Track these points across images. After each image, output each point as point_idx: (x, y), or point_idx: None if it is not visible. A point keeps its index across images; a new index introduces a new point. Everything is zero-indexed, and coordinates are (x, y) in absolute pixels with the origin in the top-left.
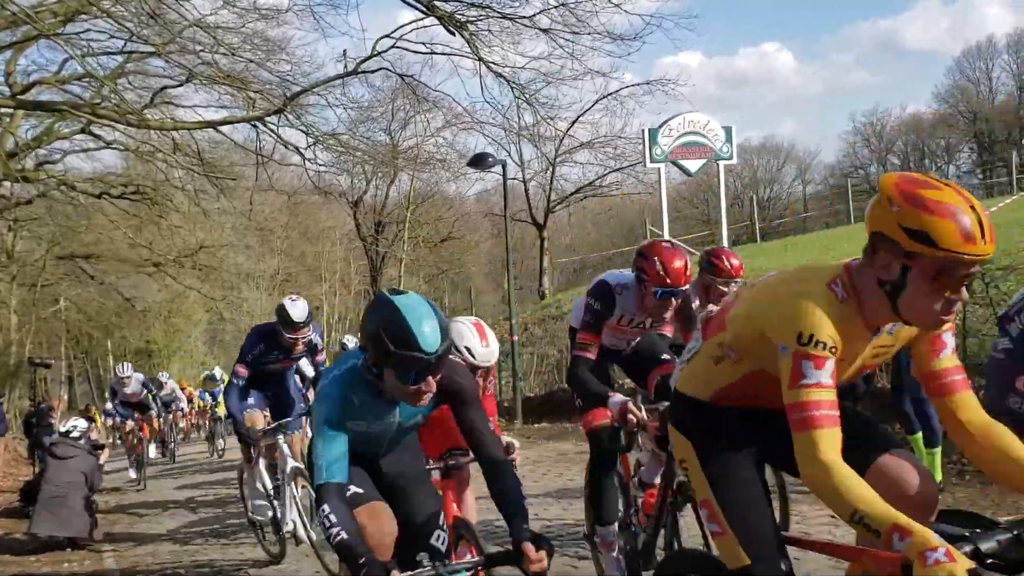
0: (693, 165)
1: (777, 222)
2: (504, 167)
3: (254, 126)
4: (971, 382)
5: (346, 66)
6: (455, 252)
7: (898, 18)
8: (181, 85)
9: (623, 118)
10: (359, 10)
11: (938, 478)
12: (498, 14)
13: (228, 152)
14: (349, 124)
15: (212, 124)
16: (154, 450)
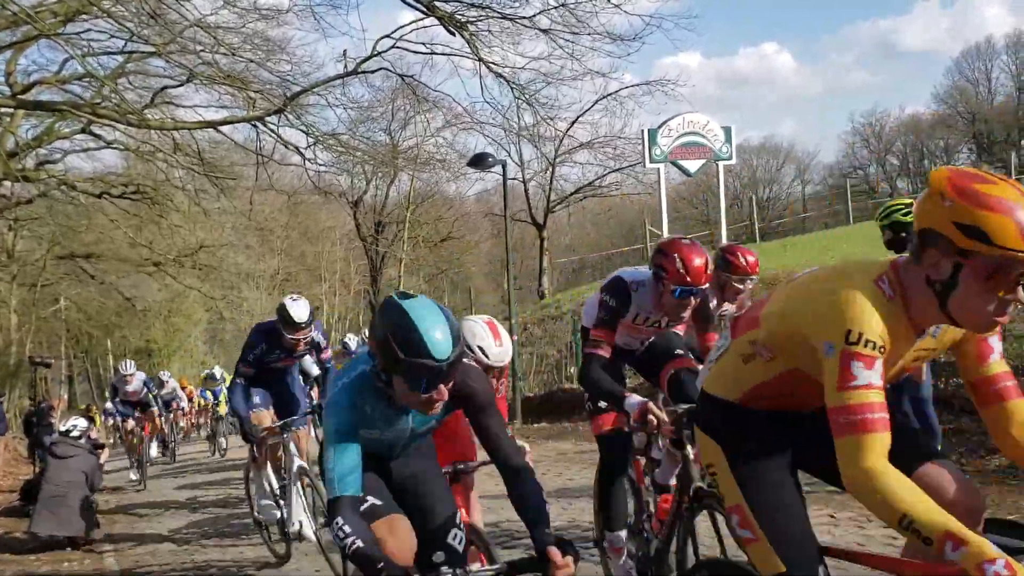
0: (692, 165)
1: (776, 222)
2: (504, 167)
3: (254, 126)
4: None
5: (346, 66)
6: (455, 252)
7: (898, 19)
8: (181, 85)
9: (623, 118)
10: (359, 10)
11: None
12: (498, 14)
13: (228, 152)
14: (349, 124)
15: (212, 124)
16: (155, 449)
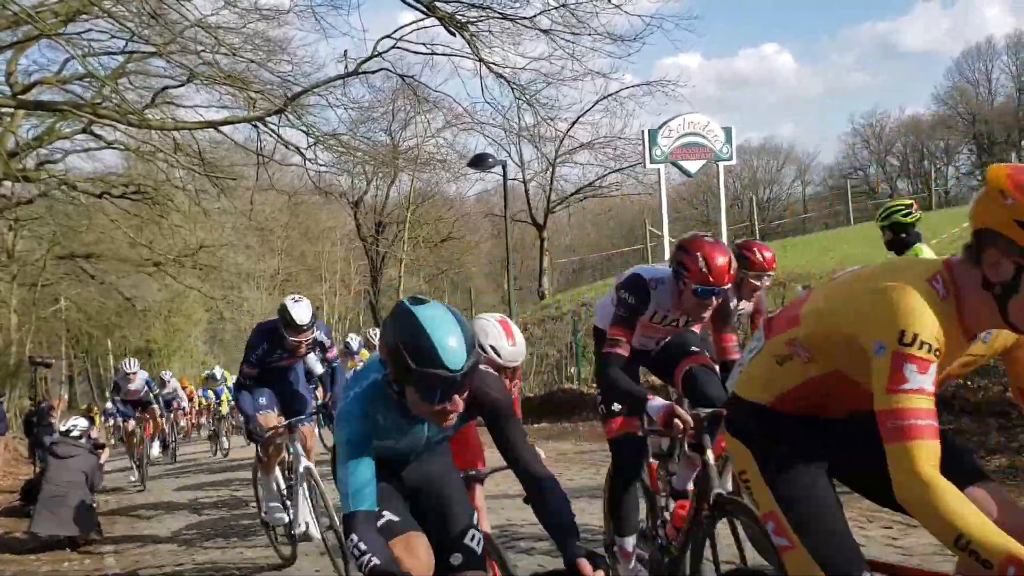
0: (693, 166)
1: (776, 223)
2: (504, 168)
3: (255, 126)
4: (969, 383)
5: (347, 66)
6: (455, 252)
7: (898, 20)
8: (182, 85)
9: (623, 119)
10: (360, 11)
11: None
12: (498, 15)
13: (229, 152)
14: (350, 124)
15: (213, 124)
16: (157, 448)
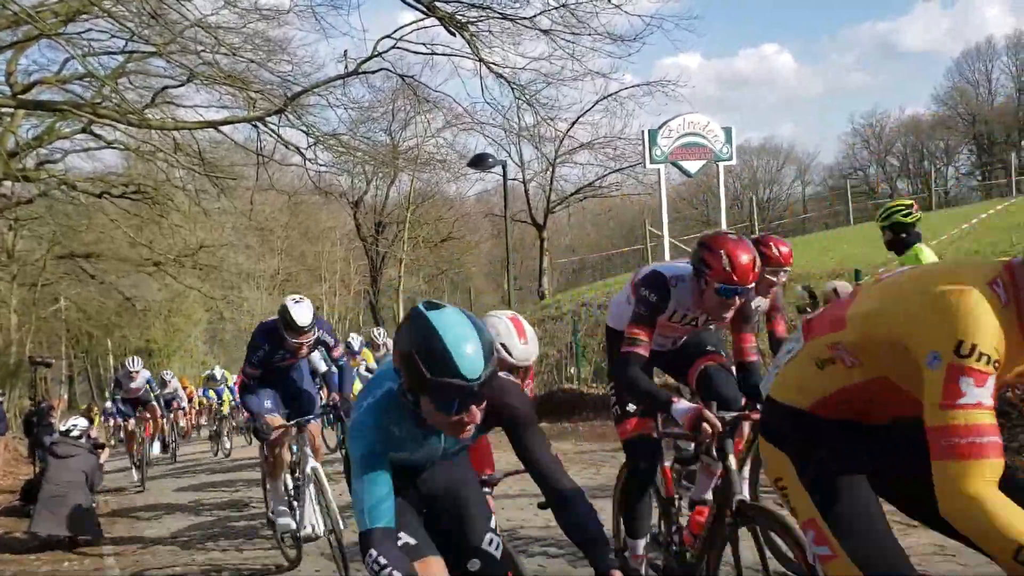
0: (693, 166)
1: (776, 223)
2: (504, 168)
3: (255, 126)
4: None
5: (347, 66)
6: (455, 252)
7: (898, 20)
8: (182, 85)
9: (623, 119)
10: (360, 11)
11: None
12: (498, 15)
13: (229, 152)
14: (350, 124)
15: (213, 124)
16: (157, 448)
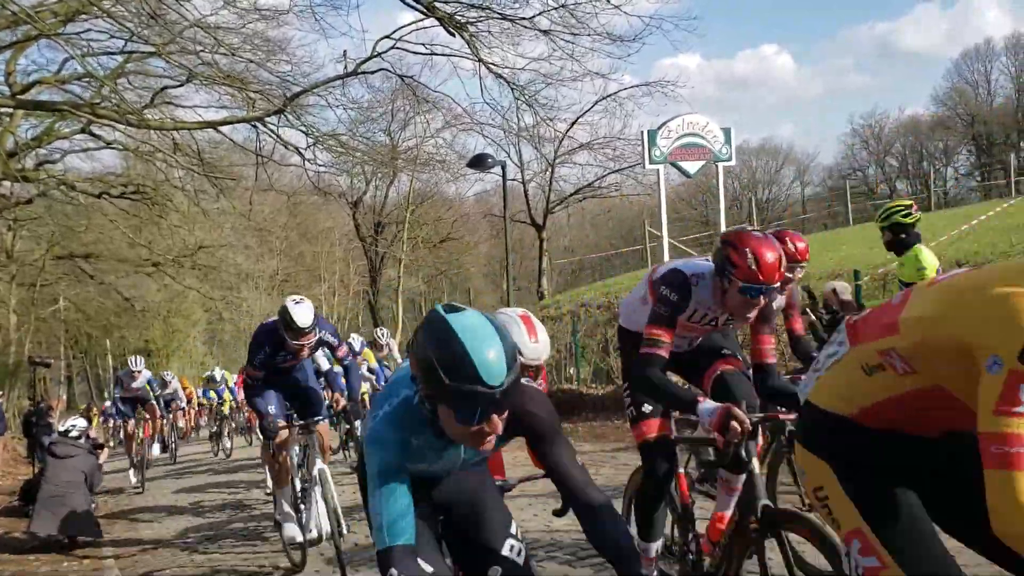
0: (692, 166)
1: (776, 223)
2: (503, 168)
3: (254, 126)
4: None
5: (346, 67)
6: (454, 253)
7: (897, 21)
8: (181, 85)
9: (622, 119)
10: (359, 11)
11: None
12: (498, 15)
13: (228, 152)
14: (349, 124)
15: (212, 124)
16: (157, 449)
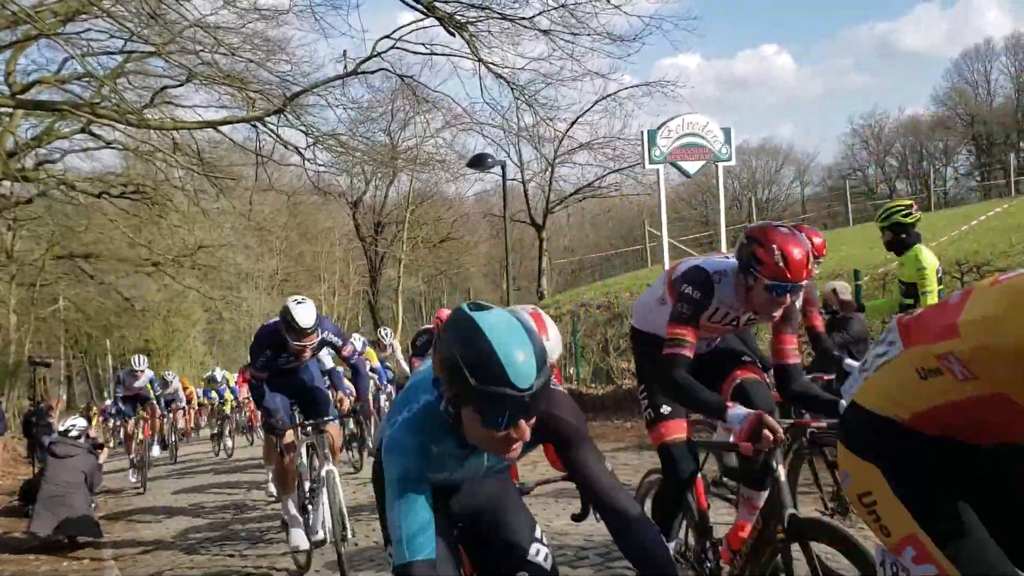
0: (692, 166)
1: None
2: (503, 168)
3: (254, 126)
4: None
5: (346, 66)
6: (454, 252)
7: (897, 21)
8: (181, 85)
9: (622, 119)
10: (359, 11)
11: None
12: (498, 15)
13: (228, 152)
14: (349, 124)
15: (212, 124)
16: (157, 450)
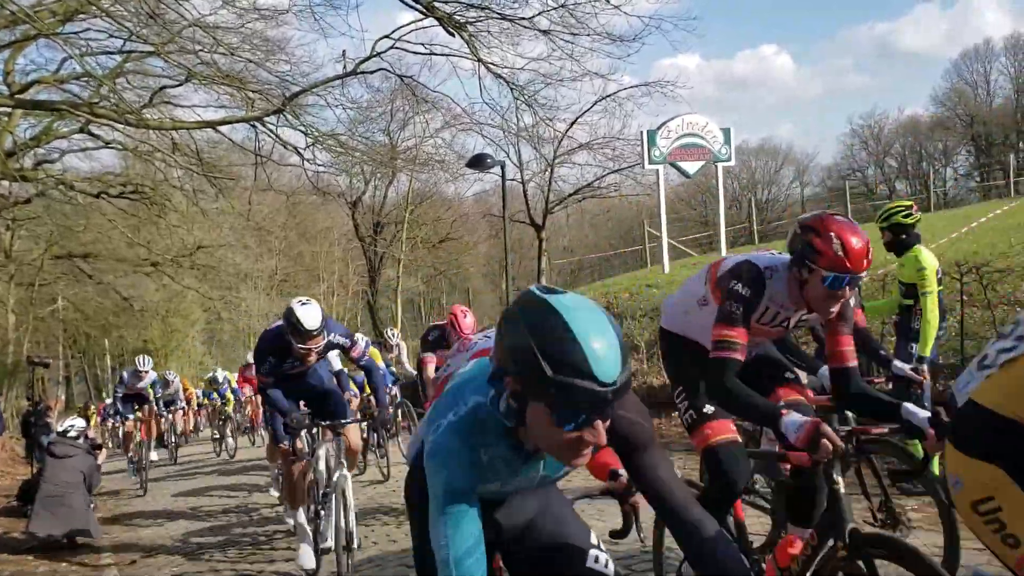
0: (691, 167)
1: (775, 224)
2: (503, 168)
3: (253, 126)
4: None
5: (345, 66)
6: (453, 253)
7: (896, 21)
8: (180, 85)
9: (622, 119)
10: (359, 11)
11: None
12: (497, 15)
13: (227, 152)
14: (348, 124)
15: (211, 124)
16: (155, 455)
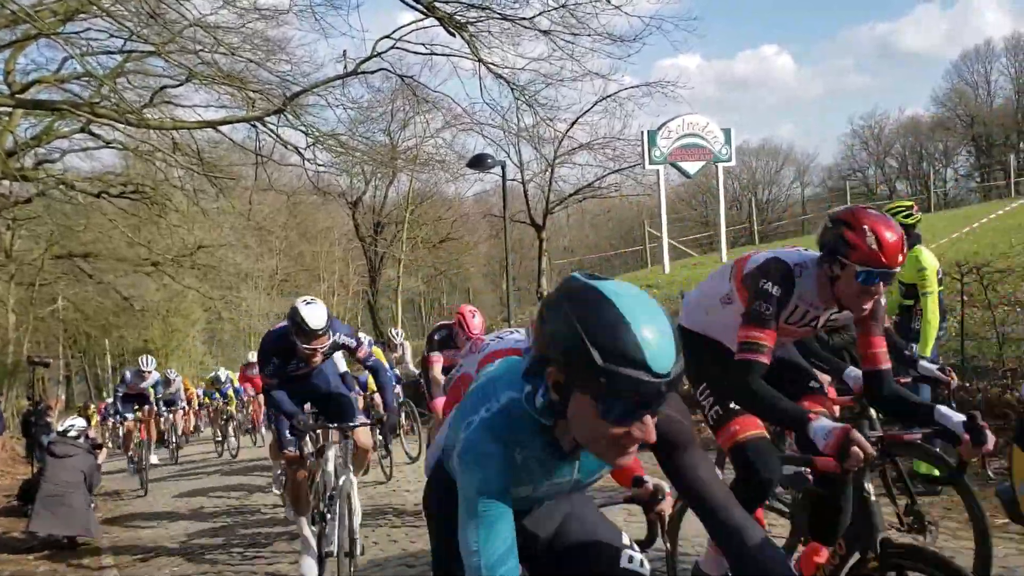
0: (692, 167)
1: (775, 224)
2: (503, 168)
3: (253, 126)
4: (969, 385)
5: (346, 66)
6: (454, 253)
7: (897, 21)
8: (181, 85)
9: (622, 120)
10: (359, 11)
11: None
12: (498, 15)
13: (227, 152)
14: (349, 124)
15: (212, 124)
16: (155, 459)
